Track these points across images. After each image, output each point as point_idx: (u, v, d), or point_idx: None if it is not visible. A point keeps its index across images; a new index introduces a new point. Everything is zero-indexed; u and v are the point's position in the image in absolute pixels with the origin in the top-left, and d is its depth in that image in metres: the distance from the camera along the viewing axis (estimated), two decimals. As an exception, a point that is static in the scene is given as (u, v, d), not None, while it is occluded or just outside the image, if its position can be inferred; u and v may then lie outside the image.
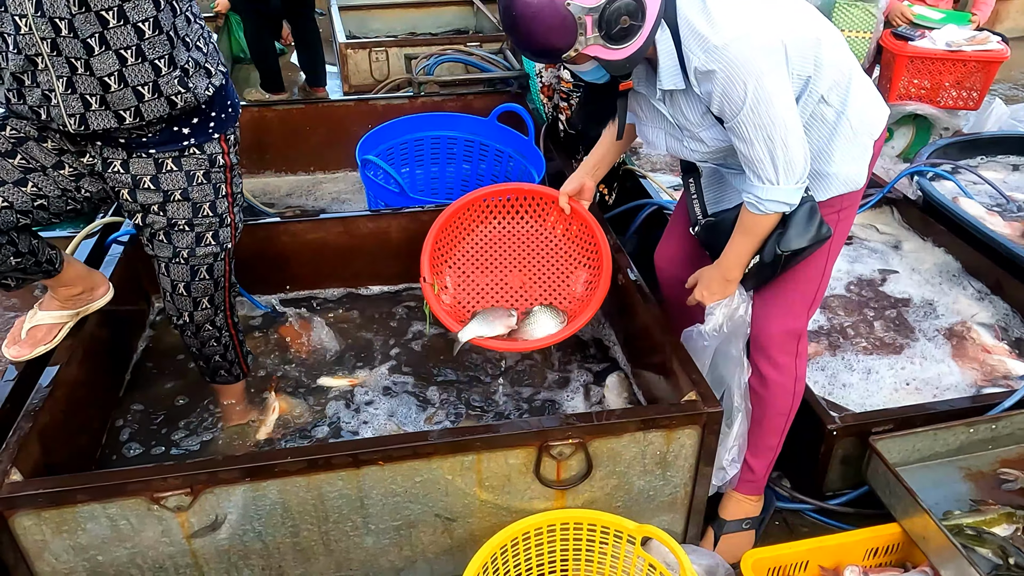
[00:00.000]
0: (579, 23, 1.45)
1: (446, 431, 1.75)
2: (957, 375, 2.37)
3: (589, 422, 1.74)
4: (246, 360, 2.23)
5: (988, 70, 3.51)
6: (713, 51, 1.51)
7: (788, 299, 1.84)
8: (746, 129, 1.56)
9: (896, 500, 1.86)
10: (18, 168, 1.71)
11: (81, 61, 1.57)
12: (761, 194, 1.63)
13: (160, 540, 1.68)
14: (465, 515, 1.81)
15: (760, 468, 1.97)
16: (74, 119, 1.63)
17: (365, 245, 2.68)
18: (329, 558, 1.81)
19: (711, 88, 1.55)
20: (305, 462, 1.64)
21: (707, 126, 1.68)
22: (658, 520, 1.93)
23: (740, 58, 1.50)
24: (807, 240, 1.70)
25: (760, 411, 1.91)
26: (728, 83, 1.52)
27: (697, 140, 1.73)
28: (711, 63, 1.51)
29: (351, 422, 2.23)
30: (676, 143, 1.79)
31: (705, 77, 1.54)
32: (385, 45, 4.82)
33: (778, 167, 1.59)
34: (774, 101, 1.53)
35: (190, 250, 1.87)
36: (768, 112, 1.53)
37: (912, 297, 2.72)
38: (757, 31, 1.52)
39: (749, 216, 1.70)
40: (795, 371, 1.88)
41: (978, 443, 2.02)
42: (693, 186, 1.95)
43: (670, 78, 1.61)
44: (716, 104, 1.57)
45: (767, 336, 1.85)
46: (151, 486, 1.59)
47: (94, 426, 2.14)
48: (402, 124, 3.19)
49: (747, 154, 1.60)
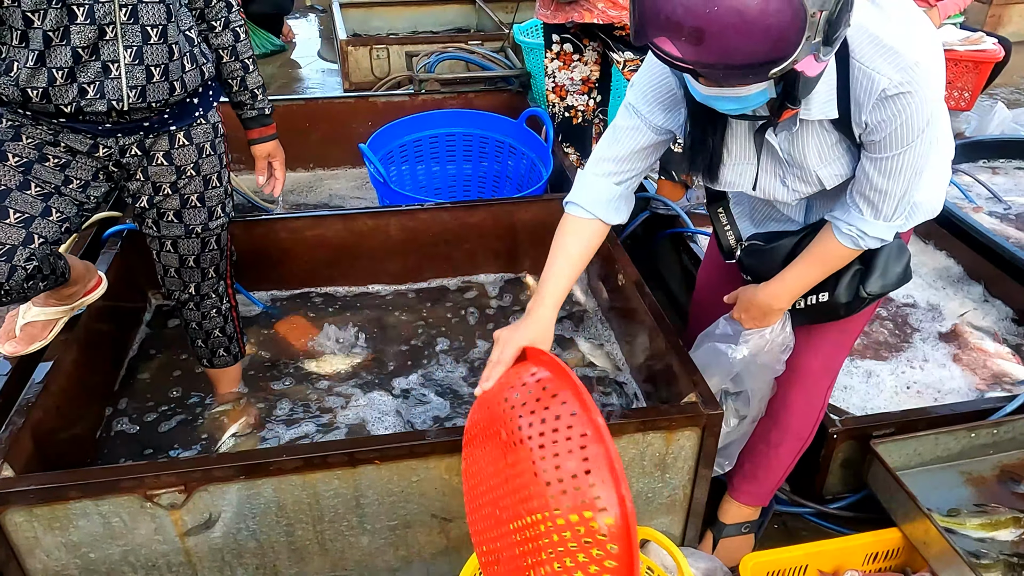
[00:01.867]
0: (809, 20, 1.07)
1: (443, 430, 1.74)
2: (959, 379, 2.35)
3: (588, 423, 1.72)
4: (243, 338, 2.24)
5: (980, 70, 3.51)
6: (911, 69, 1.23)
7: (838, 337, 1.74)
8: (902, 164, 1.32)
9: (897, 504, 1.84)
10: (38, 198, 1.69)
11: (158, 29, 1.63)
12: (868, 229, 1.43)
13: (153, 538, 1.66)
14: (461, 515, 1.79)
15: (767, 485, 1.94)
16: (135, 91, 1.64)
17: (365, 242, 2.66)
18: (324, 558, 1.79)
19: (892, 115, 1.26)
20: (300, 460, 1.62)
21: (832, 160, 1.41)
22: (657, 522, 1.91)
23: (933, 77, 1.25)
24: (895, 281, 1.55)
25: (779, 435, 1.86)
26: (918, 107, 1.25)
27: (807, 181, 1.45)
28: (905, 85, 1.24)
29: (348, 420, 2.21)
30: (774, 182, 1.49)
31: (890, 102, 1.26)
32: (386, 43, 4.82)
33: (902, 204, 1.40)
34: (942, 137, 1.35)
35: (203, 225, 1.91)
36: (931, 145, 1.32)
37: (913, 301, 2.70)
38: (936, 42, 1.28)
39: (836, 247, 1.49)
40: (823, 401, 1.84)
41: (979, 448, 2.01)
42: (724, 216, 1.75)
43: (822, 106, 1.32)
44: (882, 134, 1.29)
45: (808, 368, 1.76)
46: (144, 483, 1.58)
47: (89, 422, 2.12)
48: (417, 121, 3.18)
49: (880, 188, 1.36)
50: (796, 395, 1.80)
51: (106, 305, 2.22)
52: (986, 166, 3.46)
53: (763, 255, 1.67)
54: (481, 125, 3.22)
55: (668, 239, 2.88)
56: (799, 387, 1.79)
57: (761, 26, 1.04)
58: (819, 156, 1.42)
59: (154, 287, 2.60)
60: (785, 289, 1.61)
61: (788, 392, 1.81)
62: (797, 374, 1.78)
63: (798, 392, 1.80)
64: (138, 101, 1.65)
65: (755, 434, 1.91)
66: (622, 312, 2.37)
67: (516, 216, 2.69)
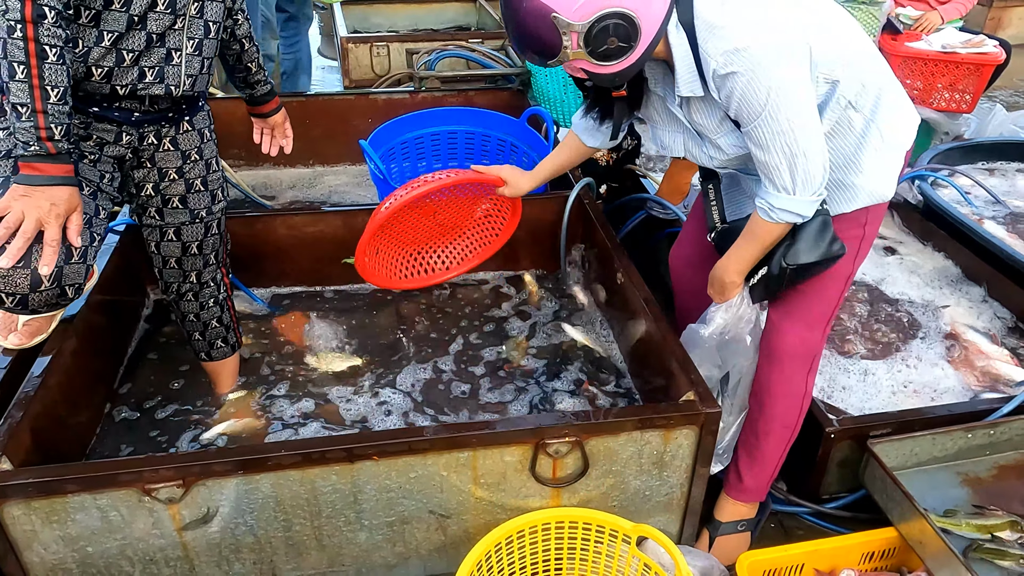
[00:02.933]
0: (563, 36, 1.40)
1: (442, 427, 1.74)
2: (954, 379, 2.36)
3: (586, 420, 1.73)
4: (239, 329, 2.26)
5: (981, 73, 3.52)
6: (734, 53, 1.43)
7: (807, 313, 1.79)
8: (764, 135, 1.49)
9: (893, 504, 1.85)
10: (89, 197, 1.70)
11: (216, 25, 1.78)
12: (774, 202, 1.58)
13: (151, 532, 1.66)
14: (460, 512, 1.80)
15: (762, 479, 1.95)
16: (191, 79, 1.76)
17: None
18: (321, 553, 1.80)
19: (730, 92, 1.47)
20: (299, 456, 1.62)
21: (725, 132, 1.62)
22: (654, 520, 1.92)
23: (761, 61, 1.43)
24: (816, 255, 1.63)
25: (766, 424, 1.88)
26: (748, 87, 1.44)
27: (715, 146, 1.67)
28: (731, 65, 1.44)
29: (346, 417, 2.21)
30: (695, 148, 1.72)
31: (724, 80, 1.47)
32: (387, 40, 4.80)
33: (796, 177, 1.53)
34: (795, 107, 1.46)
35: (207, 209, 1.97)
36: (788, 118, 1.46)
37: (911, 301, 2.71)
38: (780, 31, 1.45)
39: (758, 222, 1.64)
40: (805, 387, 1.85)
41: (976, 449, 2.01)
42: (712, 192, 1.88)
43: (687, 85, 1.55)
44: (734, 108, 1.50)
45: (782, 350, 1.81)
46: (143, 477, 1.58)
47: (88, 416, 2.12)
48: (420, 118, 3.18)
49: (764, 160, 1.53)
50: (774, 379, 1.83)
51: (105, 300, 2.22)
52: (984, 168, 3.46)
53: (727, 234, 1.83)
54: (483, 123, 3.22)
55: (667, 239, 2.88)
56: (775, 370, 1.83)
57: (530, 31, 1.43)
58: (715, 127, 1.63)
59: (154, 282, 2.60)
60: (730, 261, 1.75)
61: (767, 377, 1.85)
62: (772, 357, 1.83)
63: (775, 375, 1.83)
64: (189, 89, 1.77)
65: (745, 427, 1.93)
66: (621, 311, 2.37)
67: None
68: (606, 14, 1.38)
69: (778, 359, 1.82)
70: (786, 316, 1.81)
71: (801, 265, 1.64)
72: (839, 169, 1.66)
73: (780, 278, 1.69)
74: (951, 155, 3.37)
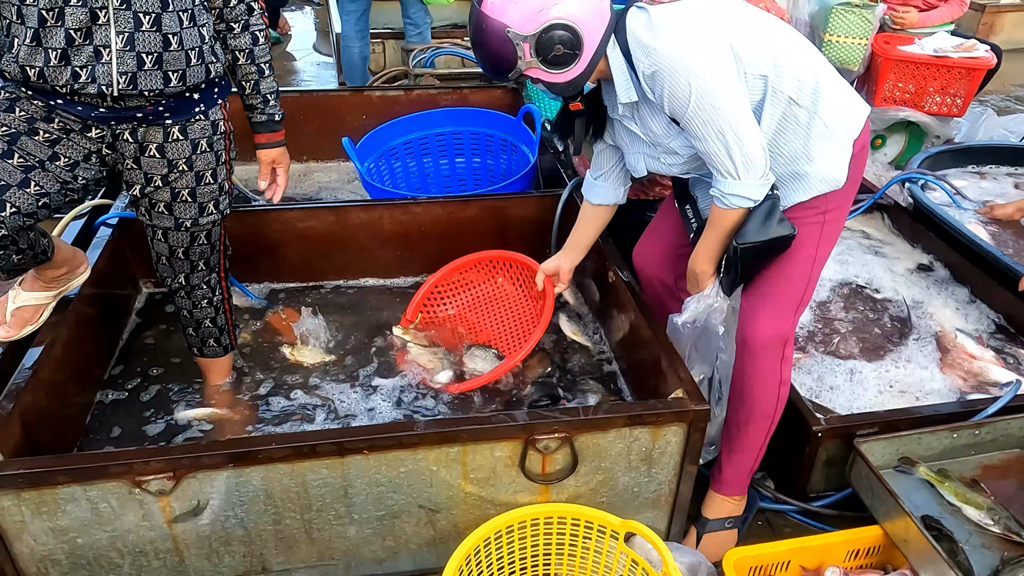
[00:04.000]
0: (517, 47, 1.60)
1: (432, 422, 1.75)
2: (941, 381, 2.38)
3: (576, 417, 1.74)
4: (235, 332, 2.24)
5: (973, 77, 3.54)
6: (653, 53, 1.60)
7: (774, 300, 1.85)
8: (696, 125, 1.62)
9: (878, 503, 1.87)
10: (18, 168, 1.69)
11: (151, 16, 1.63)
12: (724, 188, 1.67)
13: (141, 524, 1.66)
14: (449, 507, 1.81)
15: (743, 469, 1.97)
16: (125, 77, 1.64)
17: (357, 235, 2.67)
18: (311, 547, 1.80)
19: (661, 90, 1.62)
20: (289, 449, 1.63)
21: (674, 135, 1.74)
22: (642, 517, 1.93)
23: (678, 55, 1.58)
24: (764, 235, 1.71)
25: (745, 413, 1.91)
26: (671, 80, 1.59)
27: (669, 152, 1.79)
28: (653, 64, 1.60)
29: (337, 411, 2.22)
30: (654, 161, 1.85)
31: (652, 80, 1.63)
32: (382, 37, 4.81)
33: (735, 160, 1.63)
34: (718, 94, 1.58)
35: (193, 220, 1.91)
36: (713, 105, 1.58)
37: (899, 302, 2.73)
38: (695, 31, 1.61)
39: (715, 210, 1.74)
40: (779, 374, 1.87)
41: (961, 448, 2.03)
42: (691, 212, 1.98)
43: (625, 92, 1.71)
44: (668, 106, 1.64)
45: (752, 338, 1.85)
46: (133, 469, 1.58)
47: (80, 407, 2.12)
48: (415, 120, 3.21)
49: (704, 150, 1.65)
50: (748, 367, 1.87)
51: (97, 292, 2.23)
52: (974, 171, 3.49)
53: None
54: (482, 123, 3.23)
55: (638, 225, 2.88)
56: (748, 359, 1.87)
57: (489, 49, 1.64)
58: (664, 131, 1.75)
59: (145, 275, 2.61)
60: (699, 251, 1.85)
61: (742, 366, 1.89)
62: (744, 346, 1.87)
63: (749, 364, 1.87)
64: (128, 88, 1.66)
65: (727, 419, 1.96)
66: (612, 309, 2.38)
67: (509, 212, 2.70)
68: (551, 25, 1.59)
69: (749, 348, 1.86)
70: (754, 305, 1.86)
71: (750, 244, 1.72)
72: (792, 162, 1.75)
73: (734, 260, 1.76)
74: (941, 158, 3.40)
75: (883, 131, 3.85)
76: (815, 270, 1.85)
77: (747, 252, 1.74)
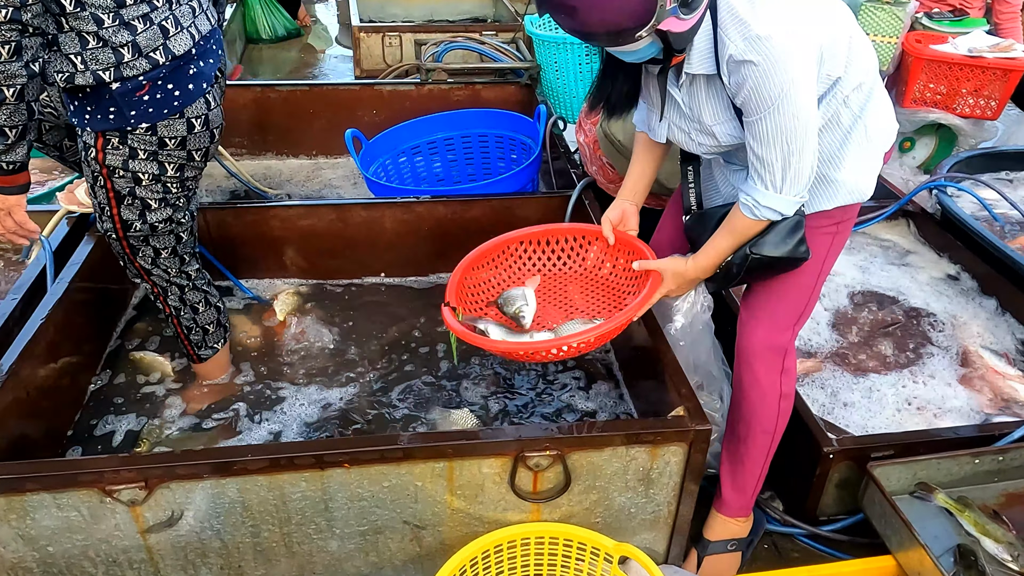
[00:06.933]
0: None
1: (416, 435, 1.67)
2: (963, 398, 2.25)
3: (569, 434, 1.65)
4: (193, 347, 2.16)
5: (1009, 79, 3.37)
6: (755, 40, 1.41)
7: (774, 311, 1.76)
8: (767, 130, 1.47)
9: (892, 531, 1.76)
10: None
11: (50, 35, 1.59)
12: (760, 199, 1.56)
13: (114, 533, 1.61)
14: (435, 523, 1.73)
15: (745, 488, 1.87)
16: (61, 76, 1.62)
17: (358, 234, 2.59)
18: (291, 560, 1.73)
19: (742, 80, 1.45)
20: (266, 461, 1.56)
21: (723, 120, 1.59)
22: (639, 538, 1.84)
23: (781, 55, 1.40)
24: (781, 252, 1.63)
25: (744, 428, 1.82)
26: (763, 77, 1.42)
27: (708, 134, 1.63)
28: (750, 53, 1.41)
29: (328, 413, 2.15)
30: (683, 135, 1.69)
31: (738, 67, 1.44)
32: (399, 30, 4.74)
33: (787, 175, 1.51)
34: (803, 105, 1.44)
35: (98, 221, 1.91)
36: (795, 115, 1.44)
37: (922, 313, 2.60)
38: (801, 27, 1.44)
39: (740, 218, 1.62)
40: (779, 388, 1.78)
41: (983, 475, 1.91)
42: (692, 174, 1.86)
43: (701, 62, 1.51)
44: (742, 97, 1.47)
45: (750, 349, 1.77)
46: (104, 478, 1.52)
47: (65, 407, 2.07)
48: (430, 122, 3.14)
49: (759, 155, 1.51)
50: (746, 380, 1.79)
51: (92, 287, 2.18)
52: (1007, 178, 3.33)
53: (700, 220, 1.81)
54: (497, 124, 3.15)
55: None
56: (746, 368, 1.78)
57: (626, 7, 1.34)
58: (713, 113, 1.59)
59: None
60: (707, 258, 1.72)
61: (740, 379, 1.80)
62: (742, 358, 1.79)
63: (747, 377, 1.78)
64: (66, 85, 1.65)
65: (726, 434, 1.88)
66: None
67: (515, 212, 2.61)
68: None
69: (747, 360, 1.78)
70: (753, 316, 1.79)
71: (765, 257, 1.64)
72: (823, 164, 1.64)
73: (741, 267, 1.67)
74: (973, 163, 3.25)
75: (912, 134, 3.70)
76: (819, 282, 1.76)
77: (758, 263, 1.65)
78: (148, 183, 1.81)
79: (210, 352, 2.17)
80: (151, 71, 1.65)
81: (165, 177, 1.82)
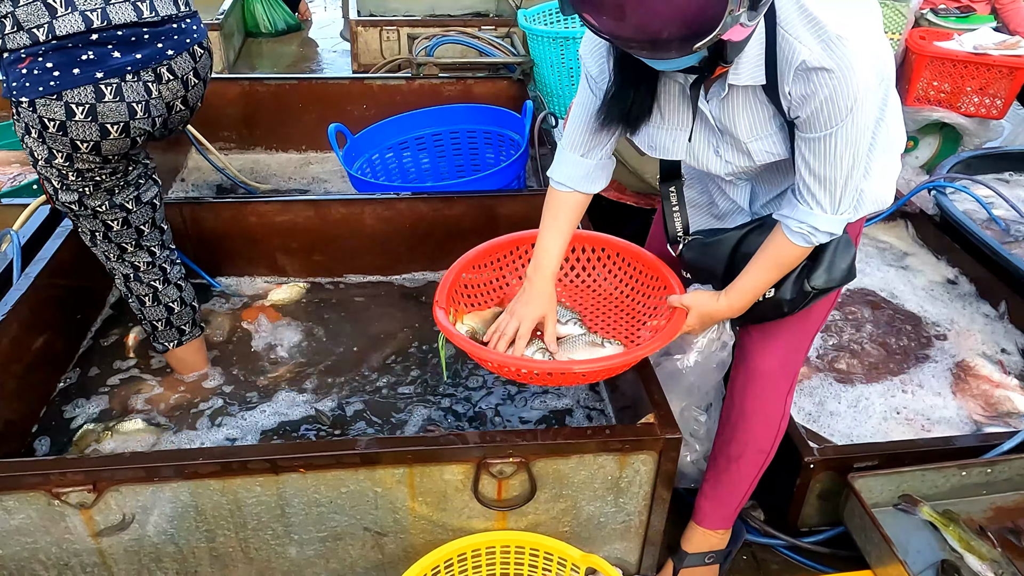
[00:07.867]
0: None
1: (374, 440, 1.61)
2: (953, 408, 2.17)
3: (533, 441, 1.59)
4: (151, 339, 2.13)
5: (1015, 77, 3.28)
6: (833, 43, 1.22)
7: (793, 336, 1.65)
8: (835, 145, 1.29)
9: (871, 545, 1.69)
10: None
11: None
12: (819, 223, 1.39)
13: (64, 537, 1.56)
14: (397, 530, 1.68)
15: (728, 505, 1.80)
16: None
17: (337, 231, 2.54)
18: (249, 566, 1.69)
19: (813, 90, 1.25)
20: (217, 465, 1.51)
21: (763, 136, 1.40)
22: (610, 548, 1.78)
23: (861, 59, 1.23)
24: (841, 275, 1.51)
25: (738, 448, 1.73)
26: (840, 87, 1.23)
27: (739, 151, 1.45)
28: (828, 59, 1.22)
29: (296, 413, 2.10)
30: (707, 151, 1.49)
31: (808, 76, 1.24)
32: (397, 24, 4.68)
33: (846, 193, 1.36)
34: (870, 112, 1.29)
35: None
36: (865, 126, 1.29)
37: (917, 318, 2.52)
38: (873, 31, 1.29)
39: (787, 247, 1.45)
40: (783, 408, 1.70)
41: (971, 487, 1.84)
42: (675, 196, 1.69)
43: (751, 72, 1.31)
44: (808, 111, 1.28)
45: (763, 372, 1.66)
46: (50, 480, 1.48)
47: (30, 405, 2.03)
48: (416, 117, 3.07)
49: (820, 174, 1.34)
50: (752, 399, 1.68)
51: (66, 284, 2.14)
52: (1013, 179, 3.24)
53: (706, 249, 1.64)
54: (485, 120, 3.08)
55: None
56: (754, 391, 1.67)
57: (681, 4, 1.05)
58: (750, 128, 1.40)
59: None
60: (741, 298, 1.55)
61: (744, 397, 1.69)
62: (752, 377, 1.67)
63: (754, 396, 1.68)
64: None
65: (715, 448, 1.79)
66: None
67: (497, 210, 2.55)
68: None
69: (757, 379, 1.68)
70: (769, 335, 1.67)
71: (823, 288, 1.52)
72: None
73: (795, 302, 1.54)
74: (974, 164, 3.16)
75: (915, 133, 3.61)
76: (833, 304, 1.67)
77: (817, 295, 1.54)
78: (43, 164, 1.77)
79: (162, 347, 2.14)
80: (30, 46, 1.61)
81: (55, 164, 1.75)
